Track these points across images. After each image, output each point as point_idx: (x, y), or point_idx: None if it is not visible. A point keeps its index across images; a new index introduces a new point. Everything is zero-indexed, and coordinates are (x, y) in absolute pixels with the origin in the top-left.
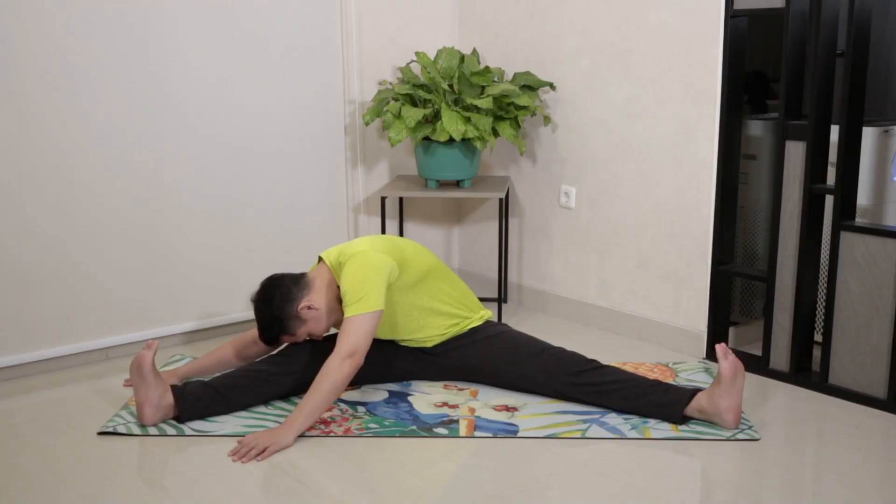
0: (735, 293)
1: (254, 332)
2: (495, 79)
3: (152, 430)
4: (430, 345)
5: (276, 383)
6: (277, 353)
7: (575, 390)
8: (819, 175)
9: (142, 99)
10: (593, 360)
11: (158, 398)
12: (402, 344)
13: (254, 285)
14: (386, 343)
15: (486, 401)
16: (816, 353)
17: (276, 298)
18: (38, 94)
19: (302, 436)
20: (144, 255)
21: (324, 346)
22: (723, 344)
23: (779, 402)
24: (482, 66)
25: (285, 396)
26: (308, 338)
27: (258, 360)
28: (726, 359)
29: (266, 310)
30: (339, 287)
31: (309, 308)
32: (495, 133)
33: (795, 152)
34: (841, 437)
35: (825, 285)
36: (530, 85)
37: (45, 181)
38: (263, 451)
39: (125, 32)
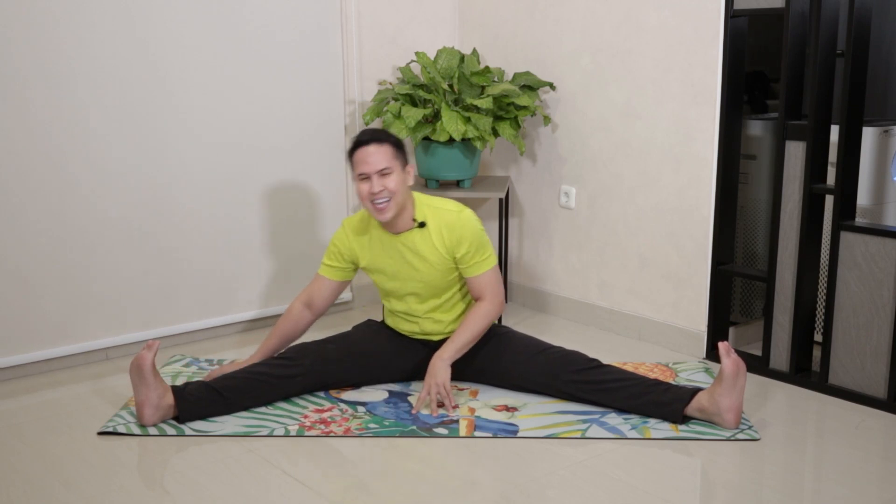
0: (735, 293)
1: (309, 292)
2: (495, 79)
3: (152, 430)
4: (436, 338)
5: (278, 386)
6: (279, 357)
7: (577, 388)
8: (819, 175)
9: (141, 100)
10: (594, 360)
11: (158, 399)
12: (412, 333)
13: (254, 285)
14: (391, 338)
15: (486, 401)
16: (816, 353)
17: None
18: (37, 94)
19: (302, 436)
20: (144, 254)
21: (325, 352)
22: (725, 342)
23: (779, 402)
24: (482, 66)
25: (286, 398)
26: (379, 197)
27: (259, 362)
28: (728, 357)
29: (390, 132)
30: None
31: (407, 169)
32: (495, 133)
33: (795, 152)
34: (841, 437)
35: (825, 285)
36: (530, 85)
37: (44, 181)
38: (446, 394)
39: (125, 33)
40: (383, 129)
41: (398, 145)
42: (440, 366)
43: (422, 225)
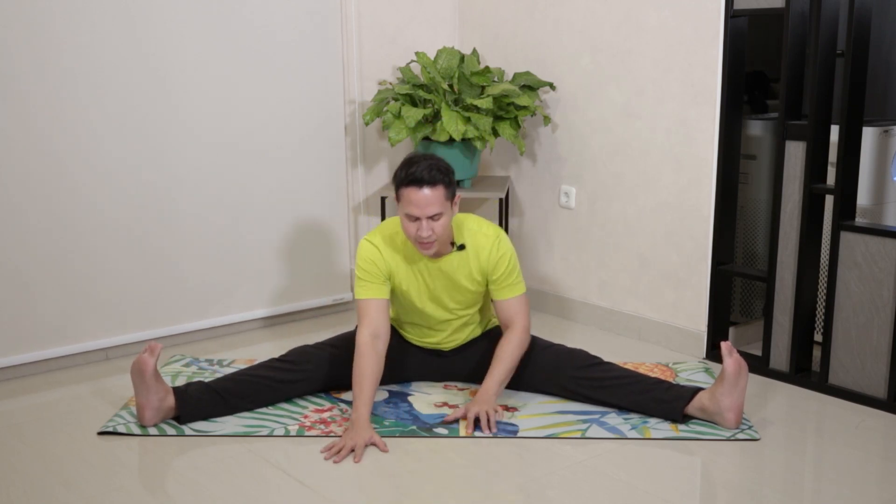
0: (735, 293)
1: (369, 324)
2: (495, 79)
3: (152, 431)
4: (444, 348)
5: (279, 390)
6: (281, 360)
7: (578, 385)
8: (819, 175)
9: (141, 100)
10: (596, 357)
11: (159, 402)
12: (420, 340)
13: (253, 285)
14: (395, 345)
15: None
16: (816, 353)
17: (448, 164)
18: (37, 95)
19: (302, 436)
20: (144, 255)
21: (327, 357)
22: (727, 342)
23: (779, 402)
24: (482, 66)
25: (287, 400)
26: (425, 235)
27: (260, 365)
28: (730, 357)
29: (443, 161)
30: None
31: (455, 200)
32: (495, 133)
33: (795, 152)
34: (841, 437)
35: (825, 285)
36: (530, 85)
37: (44, 182)
38: (488, 420)
39: (125, 34)
40: (436, 161)
41: (451, 182)
42: (490, 399)
43: (461, 248)
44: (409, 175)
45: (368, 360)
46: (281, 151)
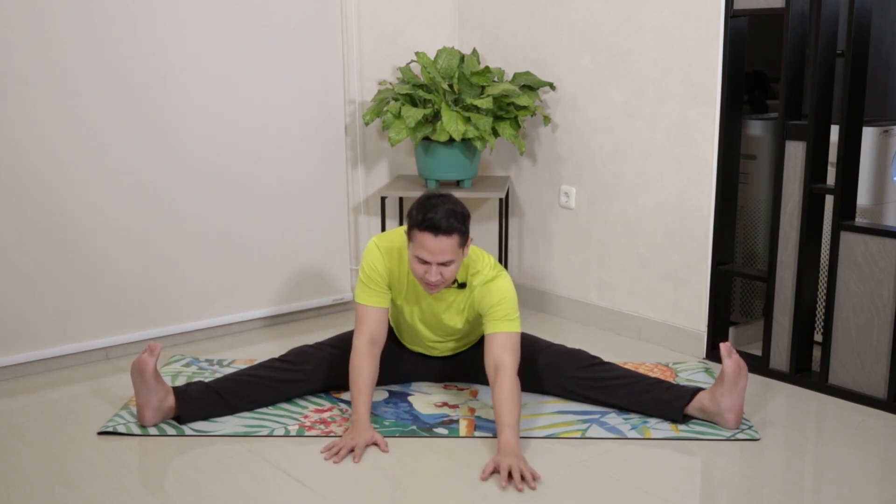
0: (735, 293)
1: (366, 330)
2: (495, 79)
3: (152, 431)
4: (444, 355)
5: (279, 390)
6: (280, 360)
7: (578, 385)
8: (819, 175)
9: (141, 100)
10: (596, 357)
11: (159, 402)
12: (416, 348)
13: (253, 285)
14: (393, 347)
15: (486, 401)
16: (816, 353)
17: (464, 206)
18: (37, 95)
19: (302, 436)
20: (144, 254)
21: (326, 358)
22: (727, 343)
23: (779, 402)
24: (482, 66)
25: (287, 400)
26: (433, 280)
27: (260, 365)
28: (730, 358)
29: (459, 204)
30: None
31: (467, 243)
32: (495, 133)
33: (795, 152)
34: (841, 437)
35: (825, 285)
36: (530, 85)
37: (44, 182)
38: (527, 471)
39: (125, 34)
40: (453, 205)
41: (467, 230)
42: (516, 450)
43: (461, 286)
44: (426, 221)
45: (366, 363)
46: (281, 151)
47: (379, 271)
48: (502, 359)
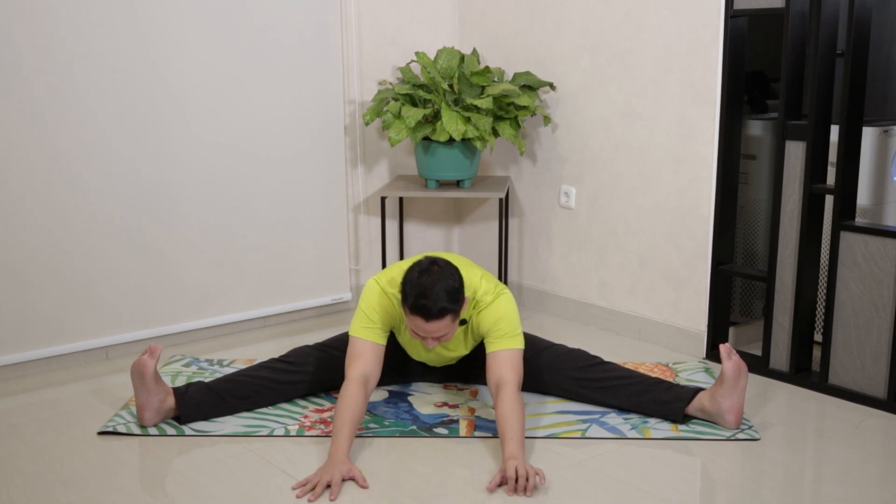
0: (735, 293)
1: (359, 369)
2: (495, 79)
3: (152, 431)
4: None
5: (279, 391)
6: (281, 360)
7: (578, 385)
8: (819, 175)
9: (142, 101)
10: (597, 357)
11: (159, 403)
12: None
13: (253, 285)
14: (393, 351)
15: (486, 401)
16: (816, 353)
17: (458, 273)
18: (38, 94)
19: (302, 436)
20: (144, 254)
21: (326, 359)
22: (727, 344)
23: (779, 402)
24: (482, 66)
25: (287, 401)
26: (432, 345)
27: (260, 365)
28: (730, 359)
29: (453, 276)
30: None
31: (463, 310)
32: (495, 133)
33: (795, 152)
34: (841, 437)
35: (825, 285)
36: (530, 85)
37: (44, 181)
38: (527, 480)
39: (126, 34)
40: (445, 281)
41: (460, 307)
42: (522, 463)
43: (463, 322)
44: (418, 307)
45: (356, 397)
46: (281, 151)
47: (378, 313)
48: (503, 376)
